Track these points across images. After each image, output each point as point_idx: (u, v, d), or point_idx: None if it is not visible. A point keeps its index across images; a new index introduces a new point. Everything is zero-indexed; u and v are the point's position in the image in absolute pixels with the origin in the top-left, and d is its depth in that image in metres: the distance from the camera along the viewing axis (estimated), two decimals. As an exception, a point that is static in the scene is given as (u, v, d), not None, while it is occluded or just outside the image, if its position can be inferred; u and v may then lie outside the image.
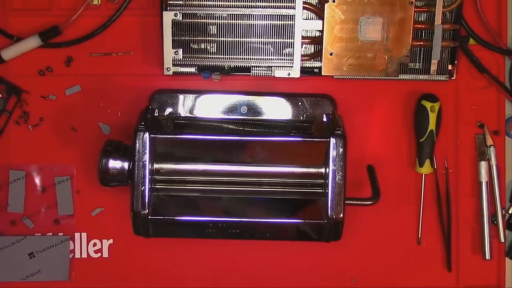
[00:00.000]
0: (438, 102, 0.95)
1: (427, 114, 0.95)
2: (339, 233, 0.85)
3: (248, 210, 0.86)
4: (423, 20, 0.93)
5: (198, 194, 0.86)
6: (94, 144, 0.95)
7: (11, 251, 0.97)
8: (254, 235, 0.87)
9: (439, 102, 0.95)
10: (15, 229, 0.98)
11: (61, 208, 0.98)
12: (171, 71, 0.92)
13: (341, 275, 1.00)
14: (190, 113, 0.96)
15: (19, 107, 0.97)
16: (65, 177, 0.98)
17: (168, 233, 0.88)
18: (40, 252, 0.98)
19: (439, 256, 1.00)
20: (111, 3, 0.96)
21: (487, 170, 0.97)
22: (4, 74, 0.97)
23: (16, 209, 0.97)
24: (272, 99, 0.96)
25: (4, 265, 0.97)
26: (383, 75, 0.92)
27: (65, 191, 0.98)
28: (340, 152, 0.82)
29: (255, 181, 0.86)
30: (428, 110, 0.94)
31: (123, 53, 0.97)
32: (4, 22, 0.96)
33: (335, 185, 0.82)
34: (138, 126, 0.83)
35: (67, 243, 0.98)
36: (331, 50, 0.91)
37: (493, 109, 0.99)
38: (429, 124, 0.95)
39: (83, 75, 0.97)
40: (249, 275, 1.00)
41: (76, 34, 0.96)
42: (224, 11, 0.90)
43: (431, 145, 0.96)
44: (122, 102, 0.97)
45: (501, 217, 0.98)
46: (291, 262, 1.00)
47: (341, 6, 0.89)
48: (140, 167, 0.83)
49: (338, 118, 0.89)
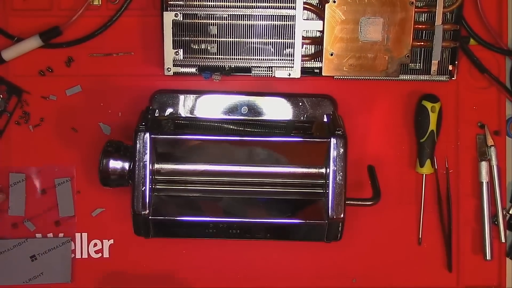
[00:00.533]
0: (439, 103, 0.95)
1: (427, 115, 0.95)
2: (339, 233, 0.85)
3: (248, 210, 0.86)
4: (424, 21, 0.93)
5: (198, 194, 0.86)
6: (94, 145, 0.95)
7: (13, 254, 0.97)
8: (254, 235, 0.87)
9: (439, 103, 0.95)
10: (16, 232, 0.98)
11: (61, 209, 0.98)
12: (171, 72, 0.92)
13: (342, 275, 1.00)
14: (191, 114, 0.96)
15: (19, 108, 0.97)
16: (65, 178, 0.98)
17: (169, 233, 0.88)
18: (42, 254, 0.98)
19: (439, 256, 1.00)
20: (111, 4, 0.96)
21: (488, 170, 0.97)
22: (5, 74, 0.97)
23: (17, 212, 0.97)
24: (272, 100, 0.96)
25: (6, 268, 0.97)
26: (384, 75, 0.92)
27: (65, 193, 0.98)
28: (340, 152, 0.82)
29: (256, 181, 0.86)
30: (429, 110, 0.94)
31: (123, 53, 0.97)
32: (5, 22, 0.96)
33: (335, 185, 0.82)
34: (138, 127, 0.83)
35: (68, 244, 0.98)
36: (331, 51, 0.91)
37: (494, 109, 0.99)
38: (430, 124, 0.95)
39: (83, 76, 0.97)
40: (249, 275, 1.00)
41: (77, 34, 0.96)
42: (225, 12, 0.90)
43: (431, 145, 0.96)
44: (123, 103, 0.97)
45: (501, 217, 0.98)
46: (291, 262, 1.00)
47: (342, 7, 0.89)
48: (141, 168, 0.83)
49: (339, 119, 0.88)
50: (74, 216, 0.98)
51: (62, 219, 0.98)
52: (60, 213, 0.98)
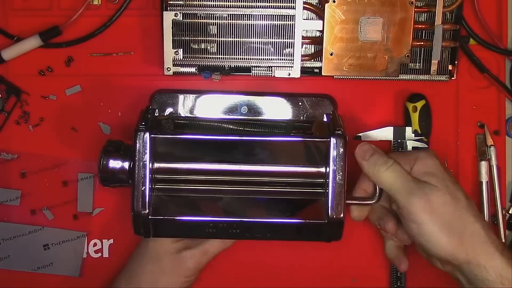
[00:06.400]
0: (421, 101, 0.95)
1: (409, 115, 0.95)
2: (339, 233, 0.85)
3: (248, 210, 0.86)
4: (424, 20, 0.93)
5: (198, 194, 0.86)
6: (94, 144, 0.95)
7: (26, 241, 0.97)
8: (254, 235, 0.87)
9: (423, 101, 0.95)
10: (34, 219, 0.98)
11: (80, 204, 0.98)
12: (171, 71, 0.92)
13: (342, 275, 1.00)
14: (191, 113, 0.96)
15: (19, 107, 0.97)
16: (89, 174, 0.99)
17: (169, 233, 0.88)
18: (55, 245, 0.98)
19: (439, 256, 0.99)
20: (111, 3, 0.96)
21: (488, 170, 0.97)
22: (5, 74, 0.97)
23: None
24: (272, 99, 0.96)
25: (18, 254, 0.98)
26: (384, 75, 0.92)
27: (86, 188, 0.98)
28: (340, 152, 0.82)
29: (256, 181, 0.86)
30: (410, 111, 0.95)
31: (123, 53, 0.97)
32: (5, 22, 0.96)
33: (335, 185, 0.82)
34: (138, 126, 0.83)
35: (83, 239, 0.98)
36: (331, 50, 0.91)
37: (494, 109, 0.99)
38: (412, 124, 0.95)
39: (83, 75, 0.97)
40: (249, 275, 1.00)
41: (77, 34, 0.96)
42: (225, 11, 0.90)
43: None
44: (123, 102, 0.97)
45: (501, 217, 0.98)
46: (291, 262, 1.00)
47: (342, 6, 0.89)
48: (141, 167, 0.82)
49: (339, 118, 0.88)
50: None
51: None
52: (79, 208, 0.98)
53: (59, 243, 0.98)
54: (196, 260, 0.90)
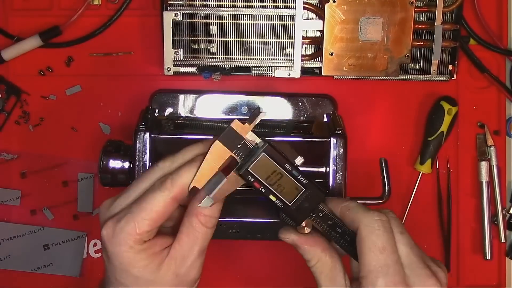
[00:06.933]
0: (456, 107, 0.95)
1: (442, 115, 0.95)
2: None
3: (248, 210, 0.85)
4: (424, 20, 0.93)
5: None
6: (94, 144, 0.95)
7: (27, 241, 0.97)
8: (254, 235, 0.87)
9: (457, 107, 0.95)
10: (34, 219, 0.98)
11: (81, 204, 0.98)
12: (171, 71, 0.92)
13: (342, 275, 1.00)
14: (191, 113, 0.96)
15: (19, 107, 0.97)
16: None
17: (169, 233, 0.87)
18: (55, 245, 0.98)
19: (439, 256, 0.99)
20: (111, 3, 0.96)
21: (488, 170, 0.97)
22: (5, 74, 0.97)
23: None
24: (272, 99, 0.96)
25: (18, 254, 0.98)
26: (384, 75, 0.92)
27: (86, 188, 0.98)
28: (340, 152, 0.82)
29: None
30: (445, 111, 0.95)
31: (123, 53, 0.97)
32: (5, 22, 0.96)
33: (335, 185, 0.82)
34: (138, 126, 0.83)
35: (83, 239, 0.98)
36: (331, 50, 0.91)
37: (494, 109, 0.99)
38: (442, 125, 0.95)
39: (83, 75, 0.97)
40: (249, 275, 1.00)
41: (77, 34, 0.96)
42: (225, 11, 0.90)
43: (437, 146, 0.96)
44: (123, 102, 0.97)
45: (501, 217, 0.98)
46: (291, 262, 1.00)
47: (342, 6, 0.89)
48: (141, 167, 0.82)
49: (339, 118, 0.88)
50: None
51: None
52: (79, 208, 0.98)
53: (59, 243, 0.98)
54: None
